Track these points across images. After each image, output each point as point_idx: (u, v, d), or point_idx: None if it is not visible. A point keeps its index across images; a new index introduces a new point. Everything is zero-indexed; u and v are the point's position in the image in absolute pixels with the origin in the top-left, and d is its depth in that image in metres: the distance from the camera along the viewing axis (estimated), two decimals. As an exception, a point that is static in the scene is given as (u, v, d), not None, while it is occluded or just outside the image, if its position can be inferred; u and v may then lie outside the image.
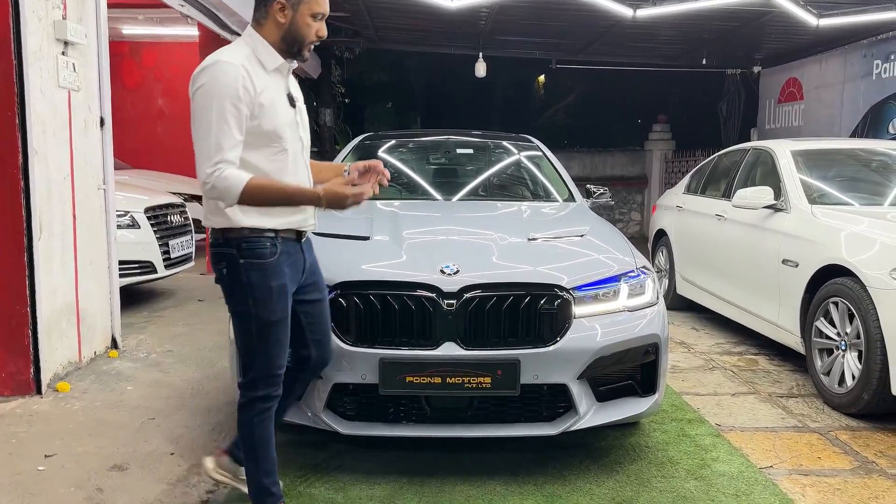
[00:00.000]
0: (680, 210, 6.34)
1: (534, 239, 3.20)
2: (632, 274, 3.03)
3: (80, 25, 3.97)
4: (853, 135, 7.85)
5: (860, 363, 3.56)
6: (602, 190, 4.63)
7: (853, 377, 3.61)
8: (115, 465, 2.88)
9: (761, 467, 2.99)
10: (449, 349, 2.70)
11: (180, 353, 4.55)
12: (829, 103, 8.25)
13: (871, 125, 7.37)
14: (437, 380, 2.69)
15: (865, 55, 7.52)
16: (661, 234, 6.68)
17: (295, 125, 2.30)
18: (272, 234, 2.23)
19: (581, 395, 2.80)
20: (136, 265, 5.52)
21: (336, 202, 2.21)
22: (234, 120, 2.11)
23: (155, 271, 5.70)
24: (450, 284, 2.74)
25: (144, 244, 5.57)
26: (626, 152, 13.98)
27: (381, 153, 4.83)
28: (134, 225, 5.52)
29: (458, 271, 2.78)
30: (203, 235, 8.04)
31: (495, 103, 17.75)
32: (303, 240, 2.38)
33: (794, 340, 4.26)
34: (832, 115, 8.15)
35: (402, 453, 3.04)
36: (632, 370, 2.97)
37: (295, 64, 2.33)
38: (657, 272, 6.75)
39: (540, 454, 3.06)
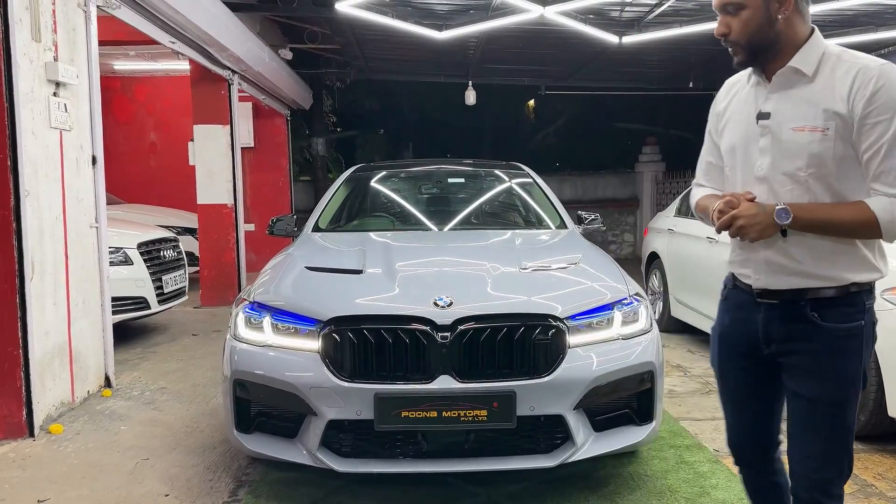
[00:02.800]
0: (672, 233, 6.37)
1: (526, 268, 3.21)
2: (625, 301, 3.04)
3: (71, 66, 4.00)
4: (840, 153, 7.82)
5: (856, 384, 3.55)
6: (593, 216, 4.65)
7: (850, 399, 3.61)
8: (108, 509, 2.85)
9: (761, 493, 2.97)
10: (444, 383, 2.69)
11: (174, 389, 4.52)
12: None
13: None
14: (433, 414, 2.68)
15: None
16: (654, 256, 6.70)
17: (753, 147, 1.85)
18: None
19: (578, 425, 2.79)
20: (130, 301, 5.50)
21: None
22: (707, 142, 2.02)
23: (148, 307, 5.68)
24: (443, 317, 2.74)
25: (137, 280, 5.56)
26: (618, 174, 14.10)
27: (372, 184, 4.87)
28: (127, 261, 5.51)
29: (451, 303, 2.78)
30: (196, 268, 8.04)
31: (486, 129, 17.89)
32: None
33: (789, 362, 4.25)
34: (819, 135, 8.20)
35: (400, 488, 3.01)
36: (628, 399, 2.96)
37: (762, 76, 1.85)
38: (651, 295, 6.76)
39: (539, 485, 3.04)
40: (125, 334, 5.92)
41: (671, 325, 6.32)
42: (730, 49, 1.84)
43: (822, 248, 1.77)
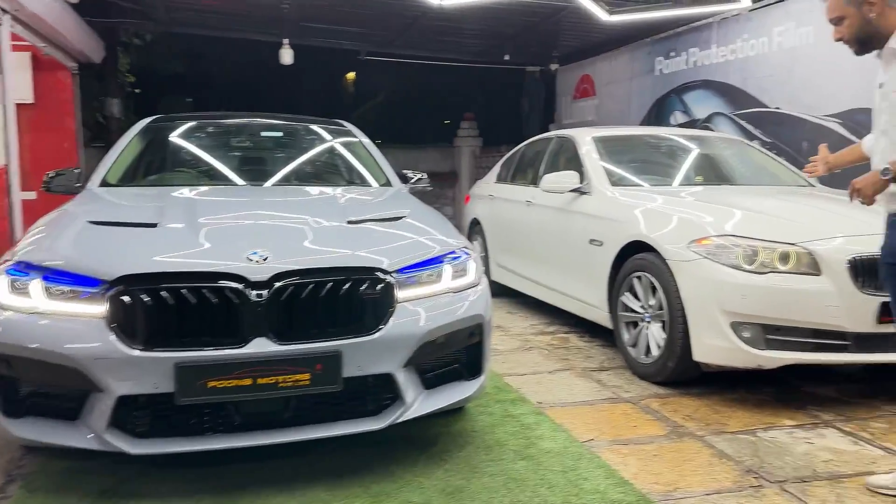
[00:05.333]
0: (492, 198, 6.45)
1: (352, 222, 2.97)
2: (454, 255, 2.92)
3: None
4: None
5: (664, 333, 3.76)
6: (420, 175, 4.52)
7: (658, 347, 3.81)
8: None
9: (584, 441, 3.01)
10: (260, 346, 2.39)
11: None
12: (619, 98, 8.91)
13: (656, 117, 8.04)
14: (247, 381, 2.38)
15: (649, 52, 8.18)
16: (476, 222, 6.76)
17: (876, 110, 2.49)
18: None
19: (408, 383, 2.63)
20: None
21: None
22: None
23: None
24: (258, 272, 2.43)
25: None
26: (438, 148, 14.25)
27: (174, 137, 4.33)
28: None
29: (267, 258, 2.48)
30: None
31: (306, 98, 17.24)
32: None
33: (602, 316, 4.43)
34: (622, 110, 8.80)
35: (207, 469, 2.67)
36: (457, 353, 2.85)
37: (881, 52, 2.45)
38: (473, 260, 6.82)
39: (365, 452, 2.85)
40: None
41: (493, 289, 6.37)
42: (848, 46, 2.48)
43: None
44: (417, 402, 2.66)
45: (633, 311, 4.06)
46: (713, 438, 3.05)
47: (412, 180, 4.40)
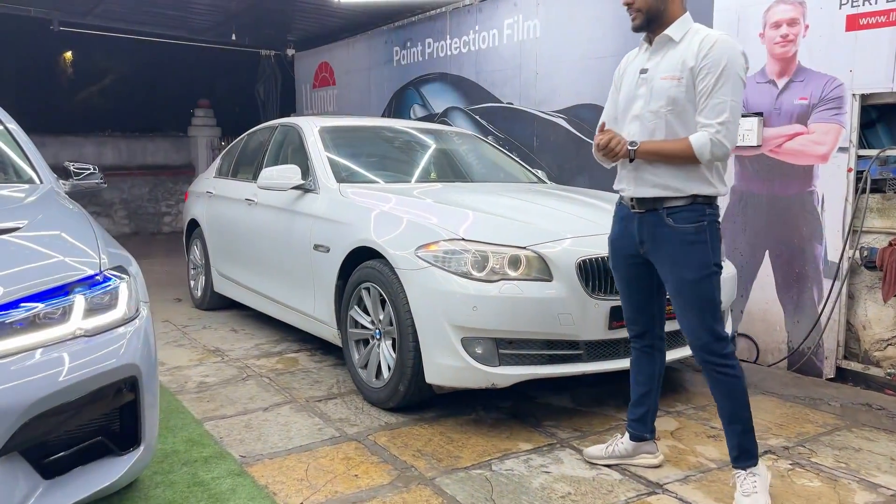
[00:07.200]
0: (211, 196, 5.55)
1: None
2: (95, 280, 2.10)
3: None
4: (382, 120, 8.07)
5: (395, 352, 3.27)
6: (90, 169, 3.54)
7: (389, 368, 3.31)
8: None
9: (290, 508, 2.38)
10: None
11: None
12: (359, 88, 8.40)
13: (395, 110, 7.66)
14: None
15: (387, 41, 7.76)
16: (194, 224, 5.82)
17: (631, 96, 2.49)
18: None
19: (11, 477, 1.78)
20: None
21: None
22: (610, 96, 2.65)
23: None
24: None
25: None
26: (170, 138, 12.78)
27: None
28: None
29: None
30: None
31: (4, 79, 14.37)
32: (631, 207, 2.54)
33: (331, 333, 3.85)
34: (363, 101, 8.31)
35: None
36: (102, 420, 2.05)
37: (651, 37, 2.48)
38: (193, 269, 5.87)
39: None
40: None
41: (215, 302, 5.55)
42: (632, 14, 2.44)
43: (674, 167, 2.37)
44: (32, 502, 1.83)
45: (362, 326, 3.52)
46: (444, 480, 2.60)
47: (80, 175, 3.43)
